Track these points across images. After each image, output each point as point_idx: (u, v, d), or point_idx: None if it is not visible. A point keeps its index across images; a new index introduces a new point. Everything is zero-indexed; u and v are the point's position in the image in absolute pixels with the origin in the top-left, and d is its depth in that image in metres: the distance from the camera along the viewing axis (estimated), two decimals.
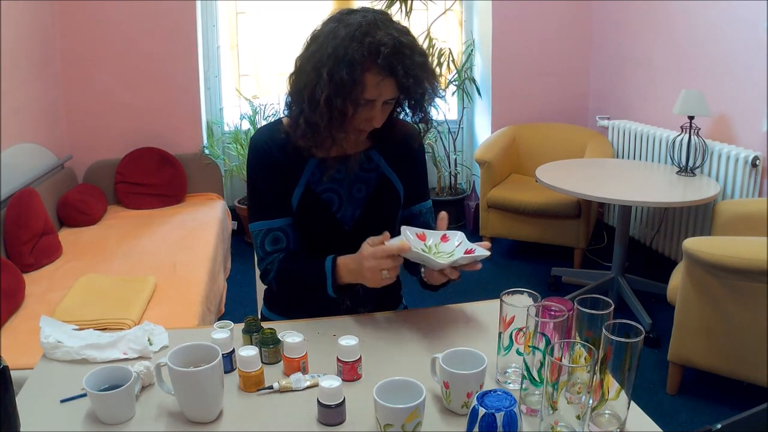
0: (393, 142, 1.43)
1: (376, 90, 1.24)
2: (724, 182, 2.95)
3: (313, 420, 1.01)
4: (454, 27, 4.26)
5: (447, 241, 1.30)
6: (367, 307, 1.45)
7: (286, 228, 1.38)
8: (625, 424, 0.97)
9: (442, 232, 1.30)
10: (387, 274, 1.22)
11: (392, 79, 1.23)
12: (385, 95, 1.26)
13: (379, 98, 1.26)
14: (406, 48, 1.23)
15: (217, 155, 4.01)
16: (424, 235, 1.30)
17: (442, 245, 1.29)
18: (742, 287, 2.08)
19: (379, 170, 1.42)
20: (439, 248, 1.29)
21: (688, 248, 2.14)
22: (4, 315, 2.19)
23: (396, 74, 1.22)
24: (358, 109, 1.27)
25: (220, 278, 2.98)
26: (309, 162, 1.37)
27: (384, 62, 1.21)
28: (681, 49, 3.30)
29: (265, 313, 1.54)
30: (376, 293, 1.44)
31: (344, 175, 1.39)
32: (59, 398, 1.07)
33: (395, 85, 1.25)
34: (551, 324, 0.97)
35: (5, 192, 2.79)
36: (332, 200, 1.38)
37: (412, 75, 1.23)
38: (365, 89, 1.24)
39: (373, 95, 1.25)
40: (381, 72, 1.22)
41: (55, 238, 2.90)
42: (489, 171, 3.63)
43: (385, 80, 1.23)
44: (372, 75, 1.23)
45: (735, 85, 2.94)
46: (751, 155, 2.79)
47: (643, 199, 2.74)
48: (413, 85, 1.24)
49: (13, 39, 3.07)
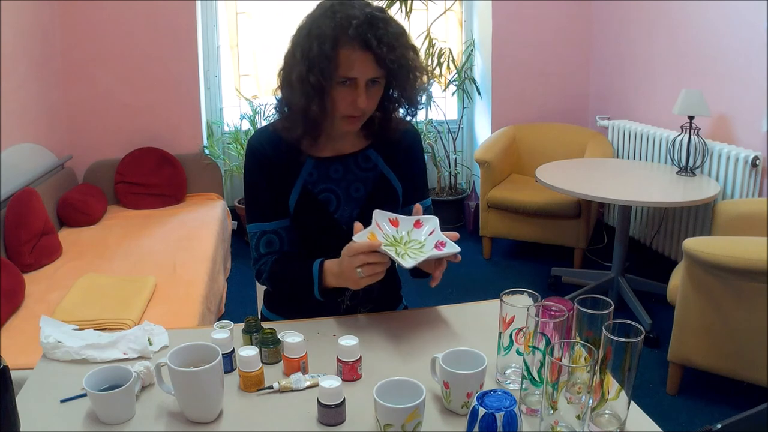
0: (391, 140, 1.42)
1: (351, 65, 1.22)
2: (724, 182, 2.95)
3: (313, 420, 1.01)
4: (454, 27, 4.26)
5: (420, 227, 1.28)
6: (367, 307, 1.45)
7: (280, 231, 1.38)
8: (625, 424, 0.97)
9: (416, 217, 1.29)
10: (362, 272, 1.17)
11: (368, 53, 1.21)
12: (364, 71, 1.23)
13: (360, 76, 1.23)
14: (379, 21, 1.22)
15: (217, 155, 4.01)
16: (397, 220, 1.28)
17: (415, 231, 1.28)
18: (742, 287, 2.08)
19: (377, 169, 1.41)
20: (411, 236, 1.27)
21: (688, 248, 2.14)
22: (4, 315, 2.19)
23: (370, 46, 1.20)
24: (339, 88, 1.25)
25: (220, 278, 2.98)
26: (306, 163, 1.37)
27: (355, 33, 1.19)
28: (681, 49, 3.30)
29: (264, 313, 1.54)
30: (376, 293, 1.44)
31: (342, 175, 1.39)
32: (59, 398, 1.07)
33: (373, 60, 1.22)
34: (551, 324, 0.97)
35: (5, 192, 2.79)
36: (330, 200, 1.38)
37: (385, 44, 1.20)
38: (339, 65, 1.22)
39: (351, 72, 1.22)
40: (353, 44, 1.20)
41: (55, 238, 2.90)
42: (489, 171, 3.63)
43: (358, 53, 1.21)
44: (345, 50, 1.21)
45: (735, 85, 2.94)
46: (751, 155, 2.79)
47: (643, 199, 2.74)
48: (388, 54, 1.21)
49: (13, 39, 3.07)
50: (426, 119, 4.19)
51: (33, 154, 3.24)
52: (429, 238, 1.26)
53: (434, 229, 1.27)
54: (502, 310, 1.07)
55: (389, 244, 1.24)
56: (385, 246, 1.21)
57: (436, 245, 1.24)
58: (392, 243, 1.25)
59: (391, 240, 1.25)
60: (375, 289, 1.42)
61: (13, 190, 2.84)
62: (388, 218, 1.27)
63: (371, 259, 1.17)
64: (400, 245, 1.25)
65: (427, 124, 4.18)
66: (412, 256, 1.20)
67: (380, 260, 1.18)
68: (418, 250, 1.24)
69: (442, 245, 1.23)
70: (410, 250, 1.24)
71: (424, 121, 4.18)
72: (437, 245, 1.24)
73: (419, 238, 1.27)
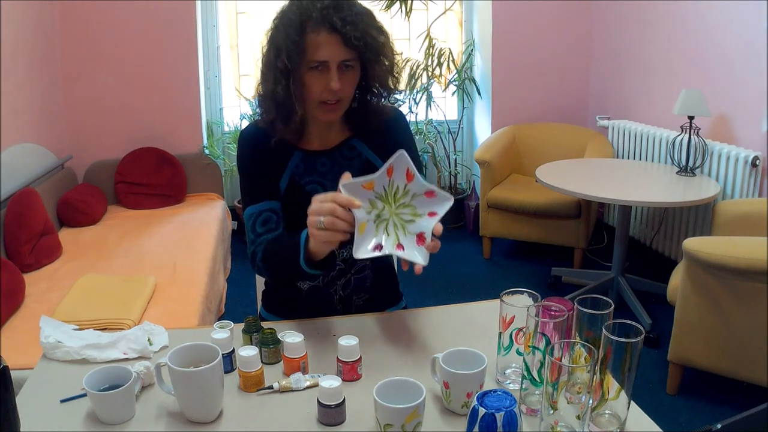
0: (374, 128, 1.41)
1: (319, 48, 1.23)
2: (724, 182, 2.95)
3: (313, 420, 1.01)
4: (454, 27, 4.26)
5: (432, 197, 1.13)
6: (362, 297, 1.44)
7: (276, 209, 1.37)
8: (625, 424, 0.97)
9: (433, 187, 1.13)
10: (323, 222, 1.09)
11: (335, 34, 1.22)
12: (333, 54, 1.24)
13: (330, 59, 1.24)
14: (344, 3, 1.25)
15: (217, 155, 4.01)
16: (414, 176, 1.13)
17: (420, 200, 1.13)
18: (742, 287, 2.08)
19: (362, 156, 1.41)
20: (414, 202, 1.14)
21: (688, 248, 2.14)
22: (4, 315, 2.19)
23: (336, 27, 1.22)
24: (311, 74, 1.26)
25: (220, 278, 2.98)
26: (294, 155, 1.38)
27: (320, 16, 1.22)
28: (681, 49, 3.30)
29: (263, 314, 1.53)
30: (369, 281, 1.43)
31: (329, 167, 1.39)
32: (59, 398, 1.07)
33: (341, 41, 1.23)
34: (551, 324, 0.97)
35: (5, 192, 2.79)
36: (317, 191, 1.37)
37: (351, 23, 1.22)
38: (307, 49, 1.24)
39: (320, 54, 1.24)
40: (319, 27, 1.23)
41: (55, 238, 2.90)
42: (489, 171, 3.63)
43: (325, 36, 1.23)
44: (312, 33, 1.23)
45: (735, 85, 2.94)
46: (751, 155, 2.79)
47: (643, 199, 2.74)
48: (354, 33, 1.22)
49: (13, 39, 3.07)
50: (426, 119, 4.19)
51: (33, 154, 3.24)
52: (426, 218, 1.13)
53: (438, 212, 1.12)
54: (502, 310, 1.07)
55: (380, 199, 1.14)
56: (368, 212, 1.12)
57: (420, 236, 1.12)
58: (382, 199, 1.14)
59: (383, 195, 1.14)
60: (368, 277, 1.43)
61: (13, 190, 2.84)
62: (407, 168, 1.12)
63: (339, 214, 1.09)
64: (389, 205, 1.14)
65: (427, 124, 4.18)
66: (369, 244, 1.11)
67: (347, 220, 1.10)
68: (405, 222, 1.14)
69: (421, 241, 1.12)
70: (397, 216, 1.14)
71: (424, 121, 4.18)
72: (420, 236, 1.12)
73: (419, 211, 1.13)
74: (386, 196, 1.14)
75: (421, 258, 1.10)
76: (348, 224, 1.10)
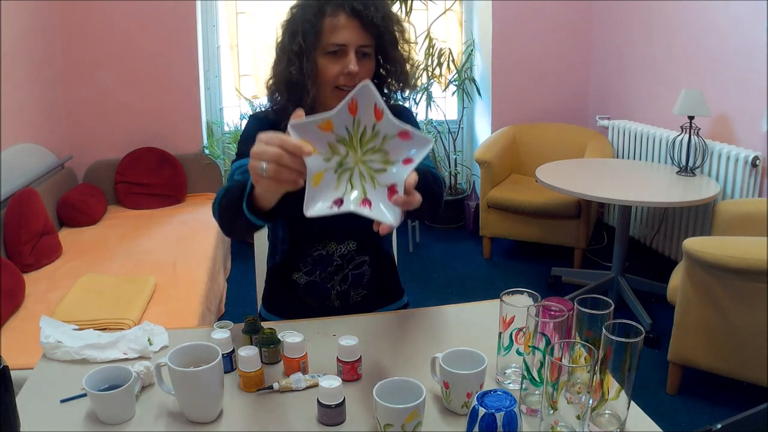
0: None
1: (338, 31, 1.23)
2: (724, 182, 2.95)
3: (313, 420, 1.01)
4: (454, 27, 4.26)
5: (407, 139, 0.92)
6: (360, 293, 1.44)
7: None
8: (625, 424, 0.97)
9: (407, 127, 0.92)
10: (266, 169, 0.92)
11: (355, 19, 1.23)
12: (352, 37, 1.23)
13: (349, 42, 1.24)
14: None
15: (217, 155, 4.01)
16: (383, 113, 0.91)
17: (393, 142, 0.93)
18: (742, 287, 2.08)
19: None
20: (384, 144, 0.93)
21: (688, 248, 2.14)
22: (4, 315, 2.19)
23: (356, 11, 1.22)
24: (328, 58, 1.25)
25: (220, 278, 2.98)
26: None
27: (339, 0, 1.22)
28: (681, 49, 3.30)
29: (263, 313, 1.53)
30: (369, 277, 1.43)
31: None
32: (59, 398, 1.07)
33: (360, 26, 1.23)
34: (551, 324, 0.97)
35: (5, 192, 2.79)
36: None
37: (371, 8, 1.22)
38: (325, 32, 1.23)
39: (338, 37, 1.23)
40: (338, 11, 1.23)
41: (55, 238, 2.90)
42: (489, 171, 3.63)
43: (344, 19, 1.23)
44: (331, 17, 1.23)
45: (735, 85, 2.94)
46: (751, 155, 2.79)
47: (643, 199, 2.74)
48: (374, 18, 1.22)
49: (13, 39, 3.07)
50: (426, 119, 4.19)
51: (33, 154, 3.24)
52: (400, 166, 0.93)
53: (415, 159, 0.91)
54: (502, 310, 1.07)
55: (343, 143, 0.94)
56: (327, 159, 0.93)
57: (392, 188, 0.93)
58: (346, 143, 0.94)
59: (346, 138, 0.94)
60: (366, 273, 1.42)
61: (13, 190, 2.84)
62: (375, 103, 0.91)
63: (285, 162, 0.91)
64: (354, 150, 0.94)
65: (427, 124, 4.18)
66: (323, 200, 0.93)
67: (295, 168, 0.92)
68: (375, 171, 0.94)
69: (393, 192, 0.92)
70: (364, 164, 0.95)
71: (424, 121, 4.18)
72: (392, 189, 0.93)
73: (392, 157, 0.93)
74: (350, 140, 0.94)
75: (391, 217, 0.91)
76: (296, 174, 0.92)
